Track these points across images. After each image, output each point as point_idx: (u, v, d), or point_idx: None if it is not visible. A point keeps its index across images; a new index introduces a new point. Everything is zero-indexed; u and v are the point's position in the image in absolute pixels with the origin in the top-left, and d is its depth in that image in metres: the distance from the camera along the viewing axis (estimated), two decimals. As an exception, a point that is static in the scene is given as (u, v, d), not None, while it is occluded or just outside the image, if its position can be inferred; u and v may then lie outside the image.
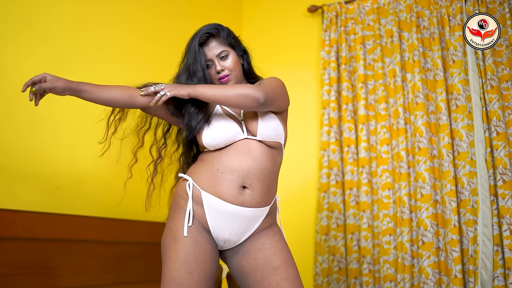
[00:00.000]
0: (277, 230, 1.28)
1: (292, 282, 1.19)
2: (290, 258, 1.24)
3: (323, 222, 2.23)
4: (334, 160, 2.26)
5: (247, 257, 1.24)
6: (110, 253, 1.69)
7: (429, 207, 1.97)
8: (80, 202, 1.64)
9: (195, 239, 1.19)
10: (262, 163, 1.22)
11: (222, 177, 1.20)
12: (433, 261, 1.92)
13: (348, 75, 2.32)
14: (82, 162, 1.67)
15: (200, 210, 1.21)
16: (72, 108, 1.65)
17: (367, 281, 2.09)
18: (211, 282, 1.21)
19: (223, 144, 1.22)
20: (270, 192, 1.25)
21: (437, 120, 2.06)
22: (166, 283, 1.15)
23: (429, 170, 2.01)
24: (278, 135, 1.25)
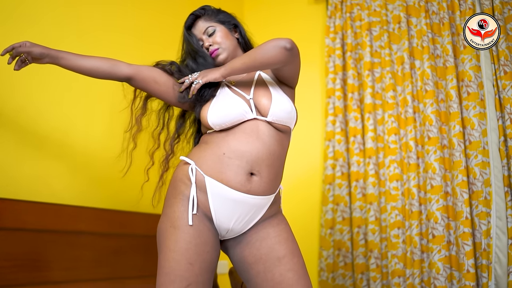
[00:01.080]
0: (282, 218, 1.21)
1: (298, 274, 1.11)
2: (295, 248, 1.16)
3: (328, 216, 2.15)
4: (339, 151, 2.18)
5: (250, 247, 1.16)
6: (105, 246, 1.60)
7: (440, 199, 1.89)
8: (73, 192, 1.56)
9: (197, 228, 1.11)
10: (271, 148, 1.14)
11: (229, 162, 1.11)
12: (444, 255, 1.84)
13: (354, 63, 2.24)
14: (76, 150, 1.59)
15: (203, 197, 1.13)
16: (63, 92, 1.57)
17: (375, 277, 2.00)
18: (211, 275, 1.13)
19: (230, 123, 1.14)
20: (277, 179, 1.18)
21: (447, 108, 1.97)
22: (164, 275, 1.06)
23: (439, 160, 1.92)
24: (291, 119, 1.17)
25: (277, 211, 1.21)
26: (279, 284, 1.09)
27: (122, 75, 1.22)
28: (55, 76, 1.50)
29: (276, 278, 1.10)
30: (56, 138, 1.53)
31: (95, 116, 1.67)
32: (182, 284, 1.04)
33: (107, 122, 1.71)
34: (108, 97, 1.65)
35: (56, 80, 1.53)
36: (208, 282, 1.10)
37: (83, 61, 1.17)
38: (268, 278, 1.11)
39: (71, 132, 1.58)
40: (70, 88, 1.58)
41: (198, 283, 1.06)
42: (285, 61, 1.14)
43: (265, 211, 1.16)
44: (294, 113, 1.18)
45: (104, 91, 1.62)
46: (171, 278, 1.05)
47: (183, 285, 1.04)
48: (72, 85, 1.58)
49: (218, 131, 1.17)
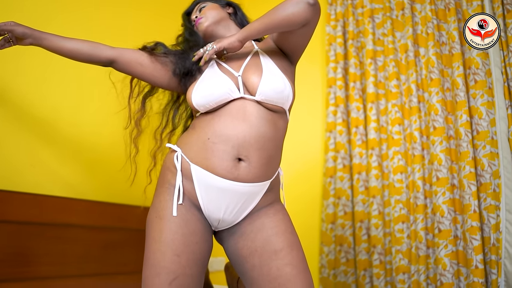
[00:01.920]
0: (280, 208, 1.12)
1: (297, 268, 1.02)
2: (294, 241, 1.07)
3: (329, 210, 2.08)
4: (341, 142, 2.10)
5: (244, 239, 1.08)
6: (95, 240, 1.54)
7: (446, 191, 1.81)
8: (61, 182, 1.48)
9: (184, 217, 1.03)
10: (261, 129, 1.05)
11: (214, 147, 1.03)
12: (450, 250, 1.75)
13: (356, 51, 2.16)
14: (64, 137, 1.51)
15: (189, 185, 1.06)
16: (51, 78, 1.49)
17: (378, 273, 1.92)
18: (202, 268, 1.05)
19: (215, 103, 1.06)
20: (271, 164, 1.08)
21: (453, 97, 1.89)
22: (149, 267, 0.99)
23: (445, 151, 1.84)
24: (283, 99, 1.08)
25: (274, 199, 1.12)
26: (275, 279, 1.01)
27: (104, 57, 1.17)
28: (41, 60, 1.42)
29: (272, 273, 1.02)
30: (43, 124, 1.46)
31: (84, 101, 1.60)
32: (168, 277, 0.97)
33: (97, 107, 1.63)
34: (97, 83, 1.57)
35: (43, 65, 1.45)
36: (198, 275, 1.02)
37: (65, 42, 1.15)
38: (264, 273, 1.02)
39: (59, 117, 1.50)
40: (59, 73, 1.50)
41: (186, 276, 0.99)
42: (308, 18, 1.06)
43: (259, 200, 1.08)
44: (288, 92, 1.08)
45: (94, 76, 1.55)
46: (157, 271, 0.98)
47: (169, 278, 0.97)
48: (61, 71, 1.51)
49: (205, 114, 1.09)
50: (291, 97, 1.10)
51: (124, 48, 1.20)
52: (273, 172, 1.10)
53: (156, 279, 0.97)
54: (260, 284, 1.02)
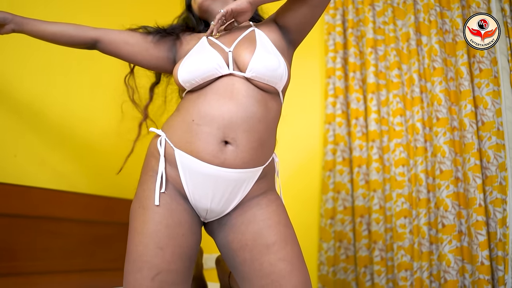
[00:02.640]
0: (274, 198, 1.04)
1: (291, 264, 0.94)
2: (289, 234, 0.99)
3: (328, 205, 2.01)
4: (340, 135, 2.04)
5: (235, 231, 1.00)
6: (82, 234, 1.46)
7: (450, 185, 1.73)
8: (45, 173, 1.41)
9: (168, 207, 0.96)
10: (249, 109, 0.97)
11: (198, 130, 0.96)
12: (455, 246, 1.68)
13: (356, 40, 2.10)
14: (50, 124, 1.44)
15: (174, 172, 0.98)
16: (33, 62, 1.42)
17: (379, 270, 1.85)
18: (190, 263, 0.97)
19: (201, 79, 0.99)
20: (263, 149, 1.00)
21: (457, 86, 1.82)
22: (130, 262, 0.93)
23: (449, 143, 1.77)
24: (275, 78, 0.99)
25: (268, 188, 1.04)
26: (268, 275, 0.94)
27: (88, 38, 1.12)
28: (24, 45, 1.36)
29: (265, 268, 0.94)
30: (26, 112, 1.39)
31: (73, 86, 1.53)
32: (151, 272, 0.89)
33: (87, 93, 1.56)
34: (88, 67, 1.51)
35: (27, 50, 1.38)
36: (184, 271, 0.95)
37: (47, 25, 1.11)
38: (256, 268, 0.95)
39: (44, 105, 1.43)
40: (44, 58, 1.44)
41: (170, 272, 0.91)
42: None
43: (250, 188, 1.00)
44: (282, 71, 1.00)
45: (83, 61, 1.48)
46: (138, 265, 0.90)
47: (151, 273, 0.89)
48: (46, 55, 1.44)
49: (191, 93, 1.02)
50: (286, 78, 1.02)
51: (109, 29, 1.15)
52: (265, 157, 1.02)
53: (138, 275, 0.90)
54: (252, 279, 0.95)
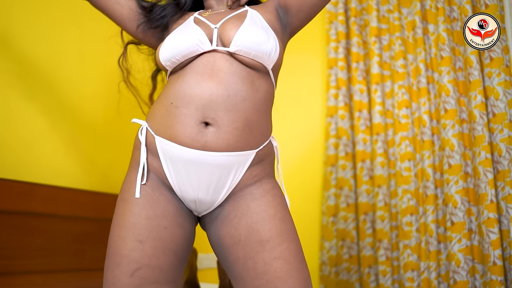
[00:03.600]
0: (270, 187, 0.93)
1: (288, 263, 0.85)
2: (286, 229, 0.89)
3: (330, 202, 1.94)
4: (343, 128, 1.96)
5: (227, 225, 0.91)
6: (66, 232, 1.37)
7: (459, 180, 1.65)
8: (27, 165, 1.31)
9: (149, 197, 0.89)
10: (231, 87, 0.89)
11: (176, 112, 0.88)
12: (464, 245, 1.59)
13: (359, 29, 2.02)
14: (35, 113, 1.34)
15: (156, 161, 0.91)
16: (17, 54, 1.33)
17: (384, 271, 1.77)
18: (176, 260, 0.88)
19: (181, 56, 0.91)
20: (251, 130, 0.91)
21: (466, 77, 1.73)
22: (109, 257, 0.85)
23: (458, 136, 1.68)
24: (263, 53, 0.91)
25: (263, 176, 0.94)
26: (262, 275, 0.84)
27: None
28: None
29: (259, 267, 0.85)
30: (5, 97, 1.29)
31: (60, 74, 1.43)
32: (129, 267, 0.81)
33: (74, 80, 1.46)
34: (84, 60, 1.41)
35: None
36: (169, 269, 0.86)
37: None
38: (250, 267, 0.86)
39: (29, 87, 1.33)
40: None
41: (151, 268, 0.83)
42: None
43: (241, 176, 0.91)
44: (271, 47, 0.92)
45: (77, 50, 1.39)
46: (116, 260, 0.83)
47: (130, 268, 0.81)
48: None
49: (172, 76, 0.95)
50: (275, 55, 0.93)
51: None
52: (257, 140, 0.92)
53: (116, 270, 0.82)
54: (245, 280, 0.86)
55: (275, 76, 0.99)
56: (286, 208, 0.93)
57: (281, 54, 0.96)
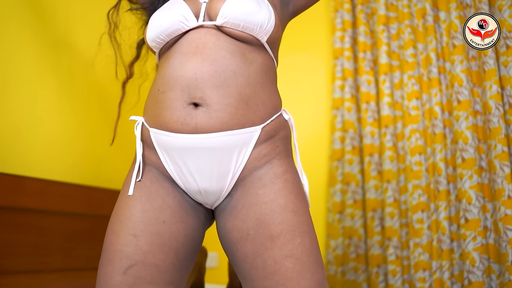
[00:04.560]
0: (281, 171, 0.83)
1: (300, 262, 0.76)
2: (299, 222, 0.79)
3: (336, 198, 1.87)
4: (349, 121, 1.89)
5: (235, 217, 0.82)
6: (57, 228, 1.29)
7: (473, 174, 1.57)
8: (13, 158, 1.23)
9: (147, 190, 0.82)
10: (218, 62, 0.81)
11: (163, 98, 0.82)
12: (480, 243, 1.51)
13: (366, 18, 1.95)
14: (19, 105, 1.26)
15: (153, 154, 0.85)
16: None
17: (394, 270, 1.69)
18: (176, 258, 0.80)
19: (166, 35, 0.85)
20: (249, 105, 0.82)
21: (480, 66, 1.65)
22: (103, 254, 0.79)
23: (471, 128, 1.60)
24: (253, 24, 0.82)
25: (274, 156, 0.84)
26: (273, 275, 0.76)
27: None
28: None
29: (268, 266, 0.76)
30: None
31: (46, 64, 1.35)
32: (122, 263, 0.75)
33: (65, 68, 1.38)
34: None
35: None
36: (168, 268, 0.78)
37: None
38: (259, 265, 0.77)
39: (13, 77, 1.25)
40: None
41: (147, 266, 0.75)
42: None
43: (248, 156, 0.82)
44: (263, 17, 0.83)
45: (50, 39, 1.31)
46: (109, 256, 0.76)
47: (123, 264, 0.75)
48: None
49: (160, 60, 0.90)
50: (270, 26, 0.84)
51: None
52: (259, 115, 0.83)
53: (108, 267, 0.76)
54: (254, 279, 0.78)
55: (273, 51, 0.91)
56: (299, 196, 0.83)
57: (277, 27, 0.88)
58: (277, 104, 0.88)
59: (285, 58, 2.20)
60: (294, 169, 0.86)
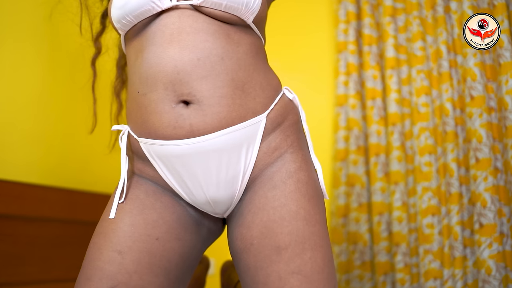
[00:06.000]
0: (294, 168, 0.73)
1: (309, 282, 0.65)
2: (312, 233, 0.69)
3: (340, 201, 1.81)
4: (354, 119, 1.84)
5: (241, 223, 0.73)
6: (33, 236, 1.19)
7: (488, 176, 1.48)
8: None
9: (140, 203, 0.74)
10: (199, 46, 0.70)
11: (145, 101, 0.72)
12: (496, 250, 1.43)
13: (371, 9, 1.88)
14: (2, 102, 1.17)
15: (149, 168, 0.76)
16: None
17: (402, 279, 1.63)
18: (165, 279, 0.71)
19: (133, 16, 0.72)
20: (246, 91, 0.72)
21: (495, 59, 1.57)
22: (81, 269, 0.71)
23: (486, 126, 1.53)
24: (237, 2, 0.71)
25: (287, 148, 0.75)
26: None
27: None
28: None
29: (271, 282, 0.66)
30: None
31: (25, 55, 1.25)
32: (101, 284, 0.66)
33: (46, 63, 1.28)
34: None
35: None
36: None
37: None
38: (260, 280, 0.67)
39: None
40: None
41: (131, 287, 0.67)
42: None
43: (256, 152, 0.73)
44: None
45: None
46: (87, 274, 0.68)
47: (102, 285, 0.66)
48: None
49: (129, 48, 0.78)
50: (256, 4, 0.74)
51: None
52: (260, 101, 0.74)
53: (85, 287, 0.67)
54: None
55: (261, 30, 0.81)
56: (313, 200, 0.73)
57: (264, 5, 0.78)
58: (276, 83, 0.79)
59: (285, 52, 2.14)
60: (309, 163, 0.77)
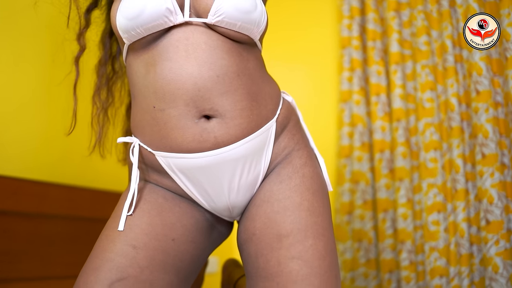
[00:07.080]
0: (300, 164, 0.79)
1: (309, 266, 0.67)
2: (313, 223, 0.72)
3: (344, 198, 1.79)
4: (358, 115, 1.82)
5: (246, 217, 0.78)
6: (32, 233, 1.17)
7: (495, 172, 1.46)
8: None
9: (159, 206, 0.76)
10: (217, 64, 0.72)
11: (164, 117, 0.72)
12: (503, 248, 1.40)
13: (375, 4, 1.87)
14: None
15: (166, 179, 0.78)
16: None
17: (407, 277, 1.60)
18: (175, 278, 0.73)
19: (144, 29, 0.71)
20: (259, 102, 0.76)
21: (501, 53, 1.54)
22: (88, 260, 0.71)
23: (492, 121, 1.50)
24: (251, 23, 0.74)
25: (293, 146, 0.80)
26: (274, 276, 0.67)
27: None
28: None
29: (271, 267, 0.68)
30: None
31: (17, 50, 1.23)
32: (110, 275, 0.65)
33: (45, 58, 1.26)
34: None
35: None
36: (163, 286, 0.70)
37: None
38: (260, 266, 0.69)
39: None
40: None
41: (140, 282, 0.67)
42: None
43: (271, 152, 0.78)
44: (259, 15, 0.75)
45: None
46: (96, 264, 0.67)
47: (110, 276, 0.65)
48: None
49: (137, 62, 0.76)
50: (264, 23, 0.78)
51: None
52: (270, 108, 0.79)
53: (91, 277, 0.66)
54: (254, 279, 0.70)
55: (261, 43, 0.84)
56: (318, 194, 0.76)
57: (267, 21, 0.81)
58: (278, 90, 0.85)
59: (289, 48, 2.13)
60: (314, 159, 0.82)
